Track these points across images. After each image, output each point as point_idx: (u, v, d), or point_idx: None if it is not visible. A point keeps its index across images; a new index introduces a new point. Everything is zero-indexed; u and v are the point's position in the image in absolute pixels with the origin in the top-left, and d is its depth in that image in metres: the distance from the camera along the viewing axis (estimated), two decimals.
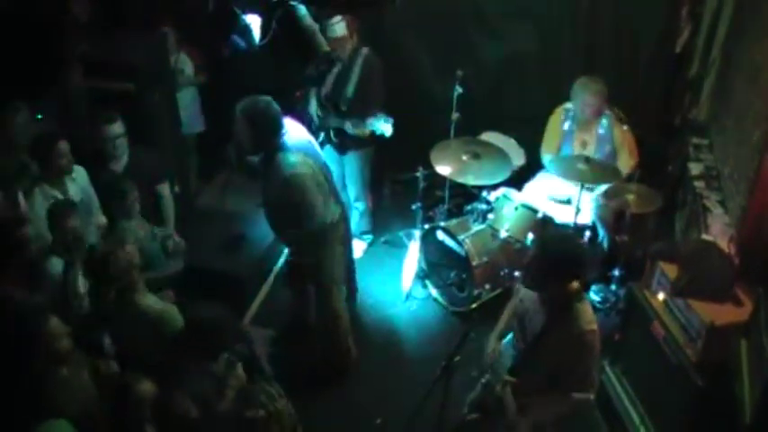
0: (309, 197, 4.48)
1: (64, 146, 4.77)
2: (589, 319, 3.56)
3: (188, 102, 6.67)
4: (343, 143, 5.96)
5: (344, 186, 6.14)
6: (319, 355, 5.18)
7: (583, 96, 5.49)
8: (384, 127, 5.53)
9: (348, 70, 5.81)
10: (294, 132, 4.68)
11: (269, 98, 4.52)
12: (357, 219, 6.37)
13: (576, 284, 3.61)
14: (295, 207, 4.48)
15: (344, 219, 5.00)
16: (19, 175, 4.98)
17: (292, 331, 5.41)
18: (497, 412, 3.81)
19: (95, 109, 5.40)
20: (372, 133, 5.63)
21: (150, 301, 4.07)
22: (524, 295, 3.85)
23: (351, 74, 5.79)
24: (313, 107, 6.02)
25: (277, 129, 4.48)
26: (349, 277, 5.40)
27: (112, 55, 5.65)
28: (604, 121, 5.58)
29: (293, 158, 4.45)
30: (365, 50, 5.84)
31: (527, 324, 3.79)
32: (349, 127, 5.74)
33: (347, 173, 6.16)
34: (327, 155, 5.77)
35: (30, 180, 4.85)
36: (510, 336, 4.01)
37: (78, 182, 4.96)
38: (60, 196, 4.76)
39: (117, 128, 5.08)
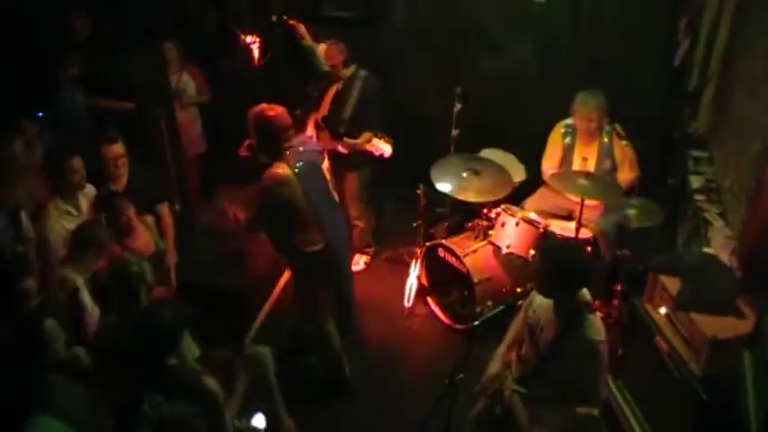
0: (298, 207, 4.49)
1: (77, 162, 4.84)
2: (599, 330, 3.63)
3: (189, 122, 6.70)
4: (338, 165, 5.98)
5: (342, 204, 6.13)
6: (319, 368, 5.18)
7: (583, 112, 5.50)
8: (383, 147, 5.59)
9: (346, 93, 5.85)
10: (303, 149, 4.68)
11: (282, 109, 4.53)
12: (358, 234, 6.39)
13: (586, 295, 3.69)
14: (284, 221, 4.51)
15: (330, 248, 4.77)
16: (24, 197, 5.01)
17: (293, 349, 5.41)
18: (506, 423, 3.81)
19: (97, 128, 5.42)
20: (369, 152, 5.65)
21: None
22: (537, 306, 3.88)
23: (349, 97, 5.83)
24: (309, 130, 6.03)
25: (277, 141, 4.49)
26: (347, 312, 5.21)
27: (113, 73, 5.68)
28: (605, 137, 5.59)
29: (280, 171, 4.45)
30: (363, 73, 5.89)
31: (539, 334, 3.81)
32: (341, 148, 5.77)
33: (347, 193, 6.17)
34: None
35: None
36: None
37: (90, 197, 5.01)
38: (74, 211, 4.84)
39: (118, 148, 5.10)
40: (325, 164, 5.31)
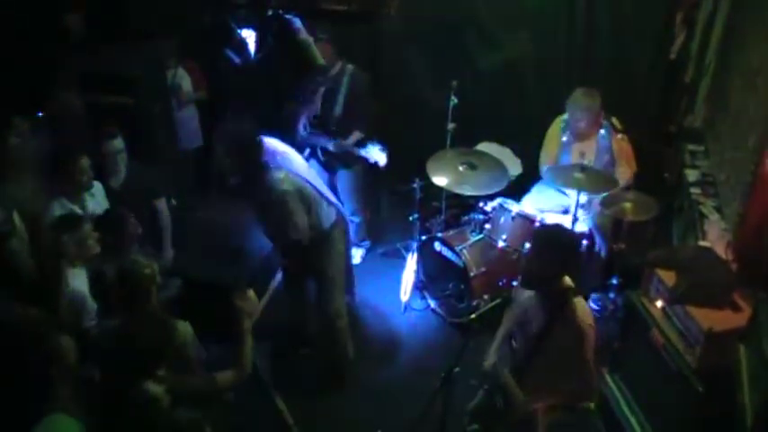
0: (292, 213, 4.47)
1: (85, 162, 4.80)
2: (587, 313, 3.67)
3: (187, 117, 6.69)
4: (330, 162, 5.99)
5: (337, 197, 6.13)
6: (319, 362, 5.19)
7: (573, 111, 5.51)
8: (377, 156, 5.58)
9: (335, 89, 5.84)
10: (273, 149, 4.60)
11: (246, 125, 4.51)
12: (354, 229, 6.39)
13: (568, 281, 3.70)
14: (281, 222, 4.51)
15: (342, 218, 4.96)
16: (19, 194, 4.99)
17: (291, 343, 5.42)
18: (503, 415, 3.83)
19: (96, 124, 5.40)
20: (364, 159, 5.67)
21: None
22: (522, 300, 3.89)
23: (338, 93, 5.83)
24: (300, 126, 6.02)
25: (257, 154, 4.43)
26: (349, 281, 5.32)
27: (110, 69, 5.66)
28: (603, 132, 5.58)
29: (276, 176, 4.42)
30: (351, 68, 5.89)
31: (527, 324, 3.82)
32: (332, 147, 5.78)
33: (340, 190, 6.16)
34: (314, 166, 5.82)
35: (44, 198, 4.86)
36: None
37: (96, 197, 4.99)
38: (79, 211, 4.78)
39: (118, 143, 5.08)
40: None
